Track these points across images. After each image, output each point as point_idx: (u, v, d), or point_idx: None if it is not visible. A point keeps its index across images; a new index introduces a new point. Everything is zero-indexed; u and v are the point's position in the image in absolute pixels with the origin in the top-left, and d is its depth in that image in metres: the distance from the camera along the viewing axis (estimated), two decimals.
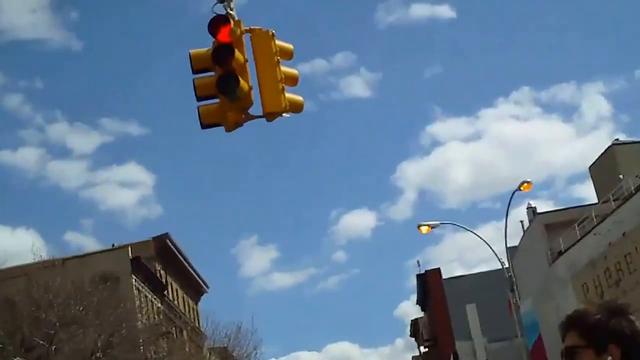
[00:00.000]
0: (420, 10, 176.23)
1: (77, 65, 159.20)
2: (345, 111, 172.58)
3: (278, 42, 13.72)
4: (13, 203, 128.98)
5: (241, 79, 13.07)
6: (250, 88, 13.29)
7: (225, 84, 13.10)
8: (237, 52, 13.22)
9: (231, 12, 13.56)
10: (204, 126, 13.70)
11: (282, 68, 13.65)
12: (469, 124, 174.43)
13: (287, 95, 13.58)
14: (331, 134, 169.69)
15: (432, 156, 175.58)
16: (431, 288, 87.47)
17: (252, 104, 13.42)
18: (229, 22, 13.33)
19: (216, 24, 13.33)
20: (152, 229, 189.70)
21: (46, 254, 55.25)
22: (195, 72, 13.64)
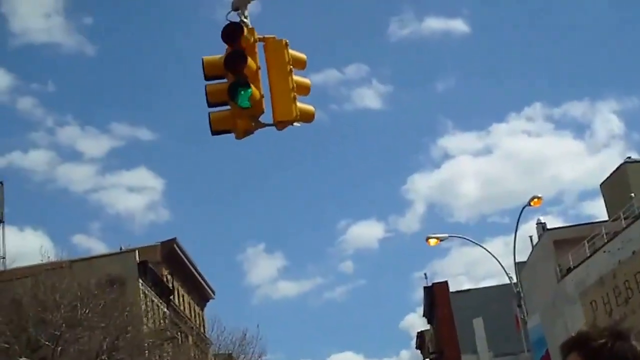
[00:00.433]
0: (434, 24, 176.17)
1: (89, 69, 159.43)
2: (357, 122, 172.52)
3: (291, 51, 13.67)
4: (22, 204, 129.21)
5: (253, 87, 13.01)
6: (262, 96, 13.23)
7: (237, 91, 13.05)
8: (249, 59, 13.17)
9: (245, 20, 13.53)
10: (214, 133, 13.64)
11: (295, 77, 13.60)
12: (480, 139, 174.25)
13: (299, 104, 13.52)
14: (342, 145, 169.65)
15: (442, 169, 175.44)
16: (438, 301, 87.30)
17: (263, 112, 13.36)
18: (242, 30, 13.29)
19: (230, 31, 13.29)
20: (160, 233, 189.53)
21: (54, 255, 55.28)
22: (207, 78, 13.60)
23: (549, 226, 54.84)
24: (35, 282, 49.06)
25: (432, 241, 44.09)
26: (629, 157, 55.93)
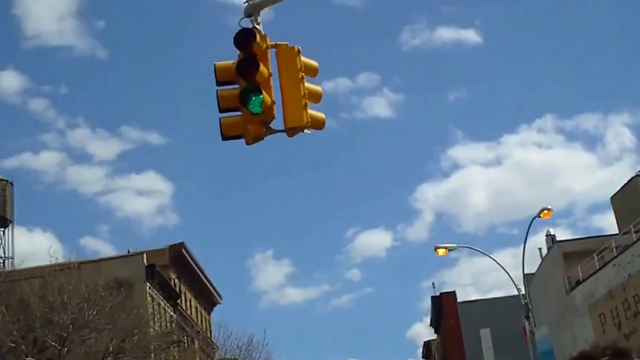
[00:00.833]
0: (446, 34, 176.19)
1: (101, 73, 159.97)
2: (367, 131, 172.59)
3: (303, 58, 13.64)
4: (32, 205, 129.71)
5: (264, 93, 12.99)
6: (273, 102, 13.20)
7: (248, 97, 13.03)
8: (261, 66, 13.14)
9: (258, 26, 13.50)
10: (225, 138, 13.62)
11: (306, 84, 13.57)
12: (490, 149, 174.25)
13: (310, 111, 13.48)
14: (351, 153, 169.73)
15: (451, 179, 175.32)
16: (445, 310, 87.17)
17: (274, 118, 13.32)
18: (255, 36, 13.26)
19: (242, 37, 13.27)
20: (168, 237, 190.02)
21: (62, 257, 55.49)
22: (219, 84, 13.58)
23: (558, 238, 54.73)
24: (43, 283, 49.11)
25: (441, 251, 44.02)
26: None
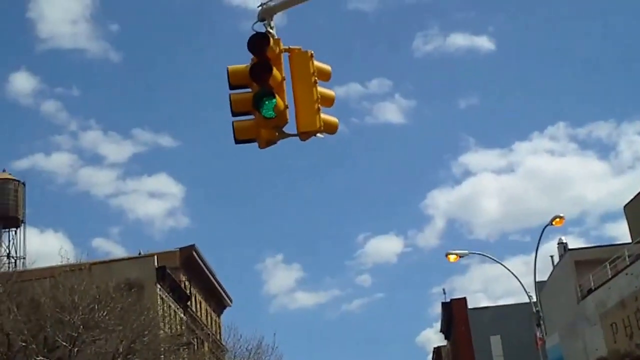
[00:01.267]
0: (458, 40, 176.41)
1: (114, 75, 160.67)
2: (378, 136, 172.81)
3: (316, 62, 13.63)
4: (44, 206, 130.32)
5: (277, 97, 12.98)
6: (286, 106, 13.19)
7: (261, 101, 13.01)
8: (274, 70, 13.14)
9: (271, 30, 13.51)
10: (237, 141, 13.62)
11: (319, 89, 13.55)
12: (502, 156, 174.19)
13: (323, 115, 13.47)
14: (363, 158, 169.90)
15: (463, 186, 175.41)
16: (456, 317, 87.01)
17: (286, 122, 13.31)
18: (268, 41, 13.27)
19: (256, 41, 13.27)
20: (179, 240, 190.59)
21: (73, 257, 55.49)
22: (232, 87, 13.57)
23: (570, 246, 54.56)
24: (55, 283, 49.23)
25: (452, 257, 43.94)
26: None
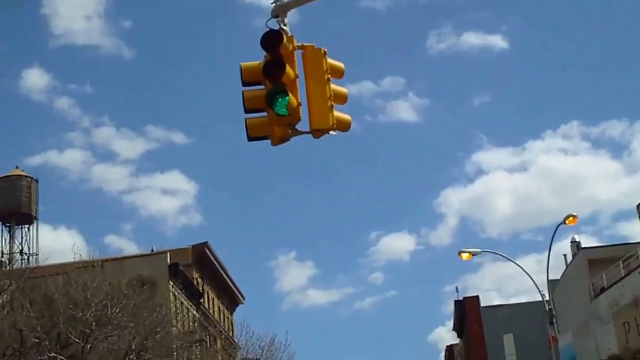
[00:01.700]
0: (472, 39, 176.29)
1: (127, 72, 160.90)
2: (391, 134, 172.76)
3: (329, 60, 13.62)
4: (56, 203, 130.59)
5: (290, 94, 12.98)
6: (299, 104, 13.18)
7: (274, 98, 13.01)
8: (288, 67, 13.13)
9: (284, 27, 13.49)
10: (250, 139, 13.62)
11: (332, 86, 13.55)
12: (515, 155, 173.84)
13: (335, 113, 13.46)
14: (376, 156, 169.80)
15: (476, 184, 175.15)
16: (469, 315, 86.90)
17: (299, 119, 13.30)
18: (281, 38, 13.26)
19: (269, 38, 13.26)
20: (191, 237, 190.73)
21: (86, 254, 55.77)
22: (245, 84, 13.57)
23: (583, 245, 54.43)
24: (67, 280, 49.37)
25: (465, 255, 43.86)
26: None
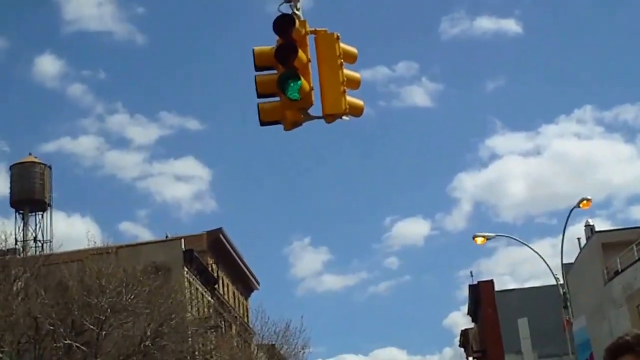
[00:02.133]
0: (485, 23, 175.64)
1: (140, 58, 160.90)
2: (405, 120, 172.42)
3: (342, 45, 13.59)
4: (70, 189, 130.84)
5: (303, 79, 12.95)
6: (311, 88, 13.17)
7: (287, 83, 12.99)
8: (300, 51, 13.11)
9: (297, 12, 13.46)
10: (262, 123, 13.61)
11: (345, 71, 13.51)
12: (528, 139, 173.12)
13: (348, 98, 13.44)
14: (390, 141, 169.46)
15: (489, 169, 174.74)
16: (483, 299, 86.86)
17: (312, 104, 13.29)
18: (294, 22, 13.23)
19: (281, 23, 13.23)
20: (206, 223, 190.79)
21: (100, 241, 55.72)
22: (257, 69, 13.56)
23: (597, 229, 54.27)
24: (82, 267, 49.44)
25: (479, 239, 43.78)
26: None
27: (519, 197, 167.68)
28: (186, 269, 64.89)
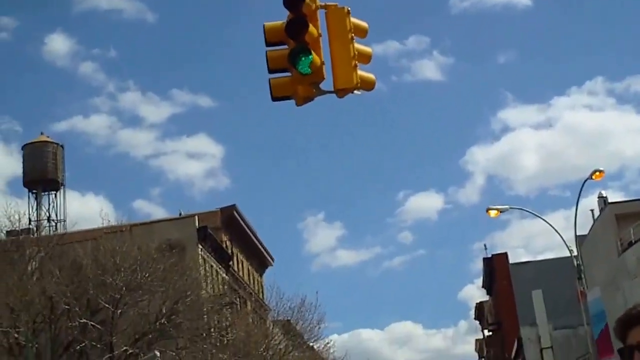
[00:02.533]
0: None
1: (150, 36, 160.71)
2: (417, 94, 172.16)
3: (353, 19, 13.54)
4: (83, 169, 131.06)
5: (314, 54, 12.92)
6: (323, 63, 13.14)
7: (298, 57, 12.95)
8: (311, 26, 13.06)
9: None
10: (274, 99, 13.59)
11: (356, 45, 13.47)
12: (540, 112, 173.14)
13: (360, 72, 13.40)
14: (402, 116, 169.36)
15: (502, 142, 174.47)
16: (497, 272, 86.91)
17: (323, 79, 13.26)
18: None
19: None
20: (219, 200, 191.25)
21: (114, 219, 55.59)
22: (268, 44, 13.53)
23: (610, 200, 54.15)
24: (96, 245, 49.51)
25: (493, 212, 43.73)
26: None
27: (531, 170, 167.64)
28: (200, 246, 65.00)
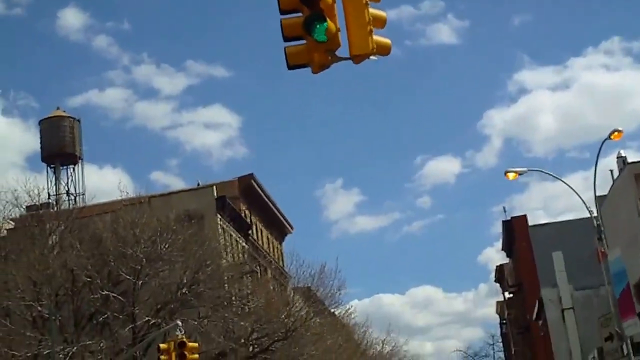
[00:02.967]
0: None
1: (163, 8, 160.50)
2: (432, 58, 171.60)
3: None
4: (101, 142, 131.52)
5: (329, 20, 12.82)
6: (338, 29, 13.05)
7: (313, 25, 12.86)
8: None
9: None
10: (290, 67, 13.51)
11: (370, 10, 13.36)
12: (557, 73, 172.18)
13: (375, 37, 13.30)
14: (417, 81, 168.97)
15: (519, 104, 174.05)
16: (517, 234, 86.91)
17: (339, 45, 13.18)
18: None
19: None
20: (237, 169, 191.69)
21: (132, 191, 55.73)
22: (282, 12, 13.43)
23: (629, 160, 53.90)
24: (115, 218, 49.75)
25: (511, 175, 43.57)
26: None
27: (549, 131, 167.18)
28: (219, 216, 65.15)
